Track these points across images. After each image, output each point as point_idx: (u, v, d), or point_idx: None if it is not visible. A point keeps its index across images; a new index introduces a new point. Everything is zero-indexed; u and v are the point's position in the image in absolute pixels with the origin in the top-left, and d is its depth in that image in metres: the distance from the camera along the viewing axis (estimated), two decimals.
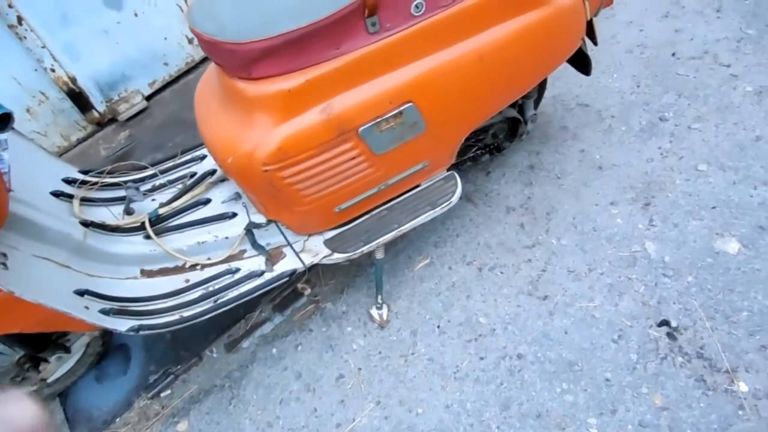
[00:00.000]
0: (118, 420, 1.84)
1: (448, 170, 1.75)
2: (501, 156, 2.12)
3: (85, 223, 1.56)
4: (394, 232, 1.65)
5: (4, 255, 1.32)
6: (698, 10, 2.49)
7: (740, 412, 1.41)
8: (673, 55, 2.32)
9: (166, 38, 2.81)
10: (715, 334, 1.55)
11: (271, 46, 1.23)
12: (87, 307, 1.44)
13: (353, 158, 1.46)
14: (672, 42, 2.38)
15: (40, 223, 1.44)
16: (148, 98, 2.88)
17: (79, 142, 2.79)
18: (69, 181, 1.72)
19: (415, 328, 1.78)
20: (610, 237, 1.82)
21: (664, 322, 1.60)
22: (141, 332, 1.50)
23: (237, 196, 1.71)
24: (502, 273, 1.82)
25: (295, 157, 1.38)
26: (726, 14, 2.42)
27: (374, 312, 1.83)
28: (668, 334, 1.58)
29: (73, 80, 2.59)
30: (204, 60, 3.01)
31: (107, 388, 1.92)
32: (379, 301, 1.81)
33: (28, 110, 2.58)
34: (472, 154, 1.96)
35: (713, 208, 1.80)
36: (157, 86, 2.90)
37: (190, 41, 2.88)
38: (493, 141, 1.97)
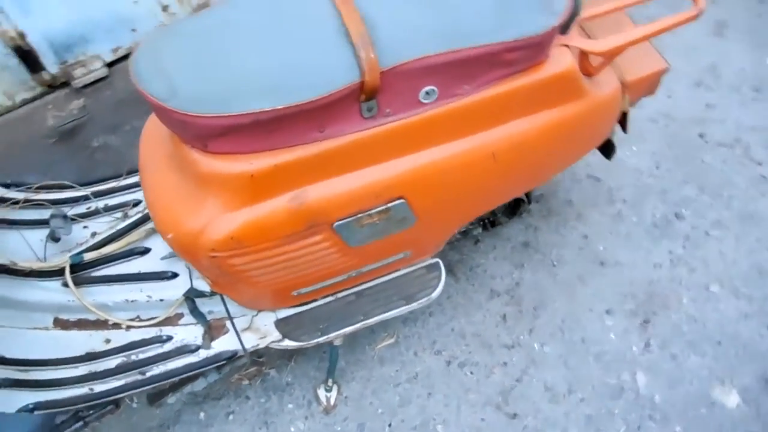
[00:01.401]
0: None
1: (433, 257, 1.50)
2: (495, 230, 1.87)
3: None
4: (358, 324, 1.41)
5: None
6: (735, 85, 2.23)
7: None
8: (701, 136, 2.08)
9: (136, 2, 2.44)
10: None
11: (235, 124, 0.95)
12: None
13: (321, 250, 1.21)
14: (701, 119, 2.13)
15: None
16: (110, 65, 2.53)
17: (25, 103, 2.43)
18: None
19: (363, 421, 1.57)
20: (599, 355, 1.61)
21: None
22: (36, 411, 1.25)
23: None
24: (472, 373, 1.61)
25: (251, 246, 1.12)
26: (765, 97, 2.18)
27: (321, 393, 1.60)
28: None
29: (22, 36, 2.22)
30: None
31: (6, 427, 1.67)
32: (329, 383, 1.59)
33: None
34: (463, 228, 1.72)
35: (718, 343, 1.60)
36: (121, 53, 2.54)
37: (165, 9, 2.52)
38: (490, 216, 1.73)
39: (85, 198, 1.56)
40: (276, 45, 0.97)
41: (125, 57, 2.56)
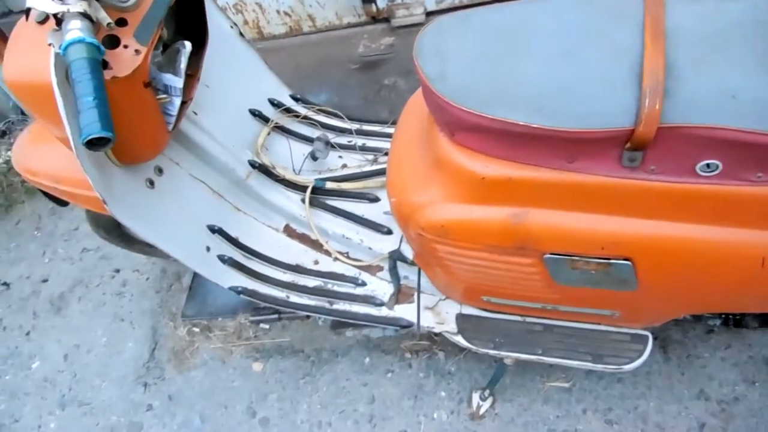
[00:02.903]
0: (219, 319, 1.92)
1: (645, 328, 1.33)
2: (737, 330, 1.58)
3: (253, 164, 1.50)
4: (533, 357, 1.34)
5: (160, 170, 1.31)
6: None
7: None
8: None
9: None
10: None
11: (485, 126, 0.93)
12: (208, 248, 1.42)
13: (523, 273, 1.15)
14: None
15: (209, 151, 1.41)
16: (429, 14, 2.65)
17: (348, 26, 2.73)
18: (274, 103, 1.64)
19: None
20: None
21: None
22: (242, 295, 1.46)
23: None
24: None
25: (457, 241, 1.12)
26: None
27: (475, 398, 1.58)
28: None
29: None
30: None
31: (224, 293, 1.96)
32: (486, 393, 1.56)
33: None
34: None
35: None
36: (443, 6, 2.63)
37: None
38: (737, 313, 1.45)
39: (350, 132, 1.70)
40: (561, 61, 0.91)
41: (445, 10, 2.65)
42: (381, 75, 2.48)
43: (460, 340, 1.39)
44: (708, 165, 0.88)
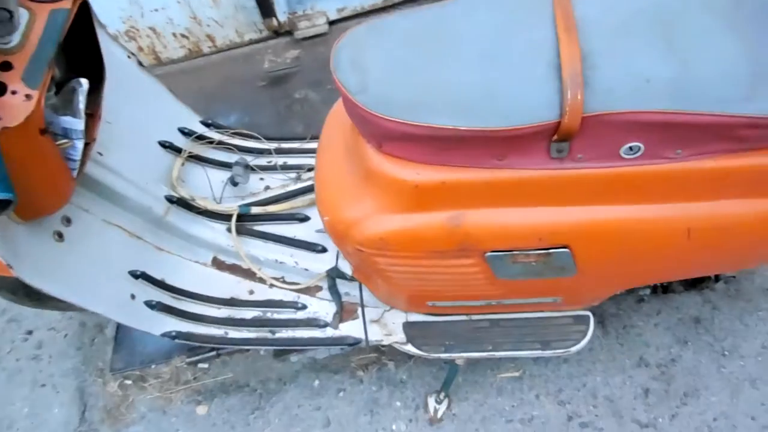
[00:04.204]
0: (153, 367, 1.80)
1: (585, 308, 1.37)
2: (665, 296, 1.66)
3: (171, 199, 1.41)
4: (484, 354, 1.35)
5: (68, 220, 1.20)
6: None
7: None
8: None
9: None
10: None
11: (411, 134, 0.92)
12: (133, 296, 1.32)
13: (466, 273, 1.15)
14: None
15: (121, 192, 1.31)
16: (331, 23, 2.63)
17: (250, 43, 2.65)
18: (184, 132, 1.56)
19: None
20: None
21: None
22: (176, 339, 1.37)
23: None
24: None
25: (397, 251, 1.10)
26: None
27: (431, 402, 1.57)
28: None
29: None
30: (405, 2, 2.65)
31: (152, 339, 1.84)
32: (441, 396, 1.55)
33: None
34: None
35: None
36: (345, 14, 2.62)
37: None
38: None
39: (268, 152, 1.65)
40: (480, 62, 0.91)
41: (347, 18, 2.63)
42: (290, 89, 2.43)
43: (410, 348, 1.38)
44: (631, 148, 0.91)
